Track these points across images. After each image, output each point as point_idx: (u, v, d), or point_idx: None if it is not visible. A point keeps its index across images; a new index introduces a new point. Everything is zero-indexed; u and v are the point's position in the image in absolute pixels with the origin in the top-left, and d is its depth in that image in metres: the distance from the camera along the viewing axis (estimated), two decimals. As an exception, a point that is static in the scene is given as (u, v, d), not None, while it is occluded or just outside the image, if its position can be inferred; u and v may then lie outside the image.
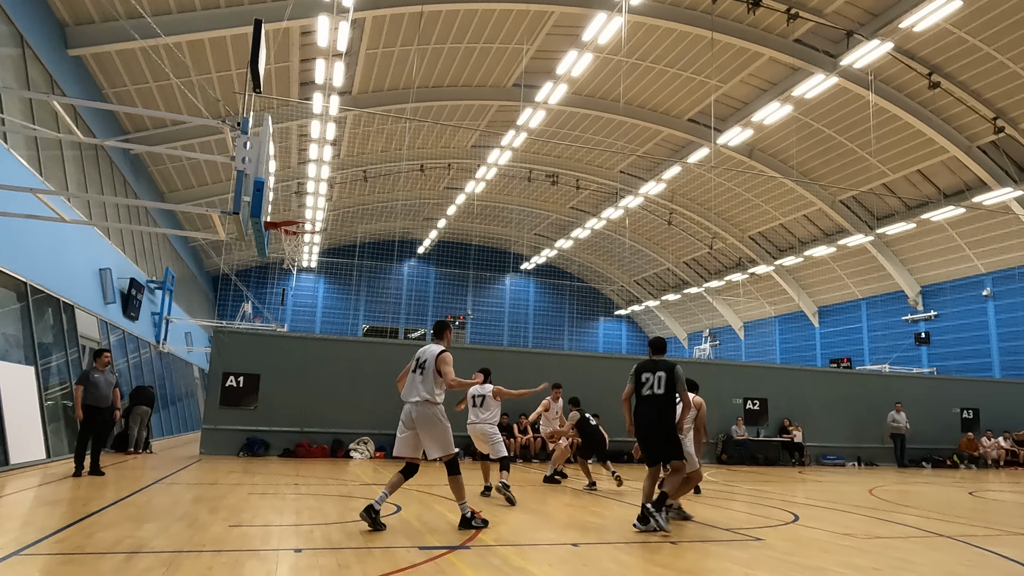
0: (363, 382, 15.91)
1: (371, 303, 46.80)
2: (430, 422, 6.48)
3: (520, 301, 50.46)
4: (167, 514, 6.72)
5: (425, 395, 6.47)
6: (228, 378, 15.10)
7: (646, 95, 28.44)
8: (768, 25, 23.01)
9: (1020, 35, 20.71)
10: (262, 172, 7.81)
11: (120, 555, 4.79)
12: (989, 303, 29.11)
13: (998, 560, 5.85)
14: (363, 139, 31.47)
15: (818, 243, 33.80)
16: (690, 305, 47.31)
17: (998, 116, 23.92)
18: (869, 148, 27.03)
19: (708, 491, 10.86)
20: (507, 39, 24.68)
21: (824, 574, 5.06)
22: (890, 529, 7.43)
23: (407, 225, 43.83)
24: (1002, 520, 8.62)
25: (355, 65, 24.50)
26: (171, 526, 6.04)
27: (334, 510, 7.42)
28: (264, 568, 4.62)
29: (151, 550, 5.00)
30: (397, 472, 6.70)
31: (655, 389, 6.90)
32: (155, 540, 5.37)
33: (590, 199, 39.27)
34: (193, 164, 26.94)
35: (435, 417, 6.50)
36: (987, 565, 5.63)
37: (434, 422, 6.49)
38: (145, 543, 5.23)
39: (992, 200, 25.18)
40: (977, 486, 13.96)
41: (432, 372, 6.51)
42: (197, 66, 20.75)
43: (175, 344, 25.05)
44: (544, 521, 7.26)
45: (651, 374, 6.98)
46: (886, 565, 5.43)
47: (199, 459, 13.60)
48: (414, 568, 4.72)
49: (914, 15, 18.51)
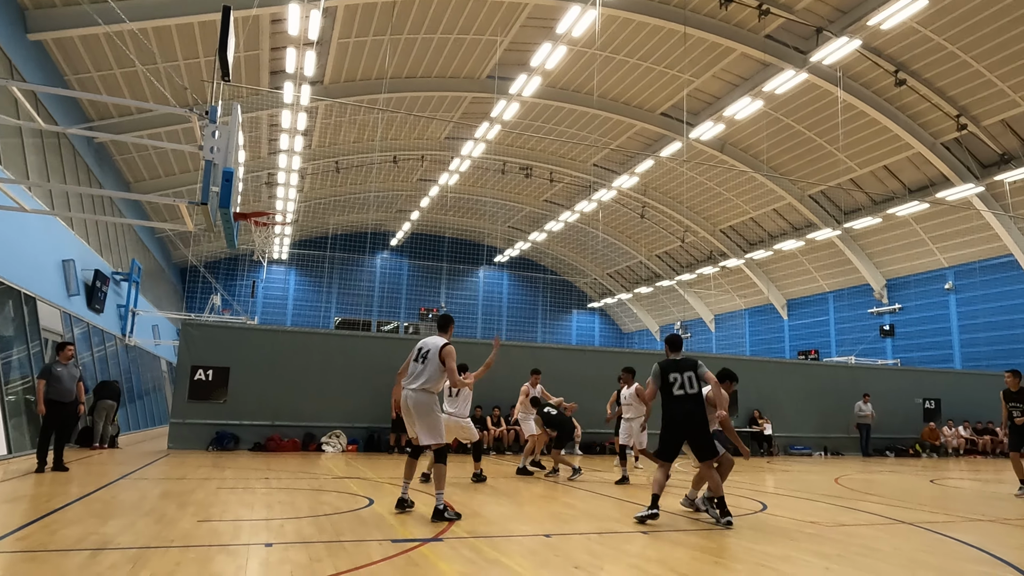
0: (335, 375, 15.79)
1: (343, 295, 46.39)
2: (424, 410, 6.72)
3: (493, 294, 50.45)
4: (133, 510, 6.60)
5: (424, 384, 6.74)
6: (197, 371, 14.87)
7: (619, 89, 28.54)
8: (740, 20, 23.23)
9: (983, 35, 21.20)
10: (231, 162, 7.69)
11: (85, 552, 4.70)
12: (951, 296, 29.88)
13: (957, 546, 6.03)
14: (335, 129, 31.11)
15: (787, 237, 34.34)
16: (662, 298, 47.75)
17: (961, 114, 24.48)
18: (837, 144, 27.49)
19: (679, 482, 11.00)
20: (481, 30, 24.55)
21: (790, 562, 5.17)
22: (854, 517, 7.61)
23: (380, 217, 43.49)
24: (961, 507, 8.88)
25: (327, 54, 24.17)
26: (137, 522, 5.93)
27: (306, 504, 7.36)
28: (234, 563, 4.57)
29: (117, 546, 4.91)
30: (408, 458, 7.08)
31: (687, 389, 6.95)
32: (121, 536, 5.28)
33: (564, 192, 39.35)
34: (160, 153, 26.37)
35: (429, 405, 6.74)
36: (946, 551, 5.80)
37: (427, 410, 6.73)
38: (111, 539, 5.14)
39: (954, 196, 25.79)
40: (938, 474, 14.35)
41: (435, 363, 6.76)
42: (163, 53, 20.29)
43: (142, 337, 24.56)
44: (517, 513, 7.29)
45: (679, 374, 7.00)
46: (850, 552, 5.57)
47: (167, 454, 13.39)
48: (387, 561, 4.71)
49: (881, 13, 18.81)
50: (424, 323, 47.36)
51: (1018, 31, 20.57)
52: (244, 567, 4.48)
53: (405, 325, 47.38)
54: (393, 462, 13.04)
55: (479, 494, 8.57)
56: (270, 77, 24.21)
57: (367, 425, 15.84)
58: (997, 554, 5.67)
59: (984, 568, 5.15)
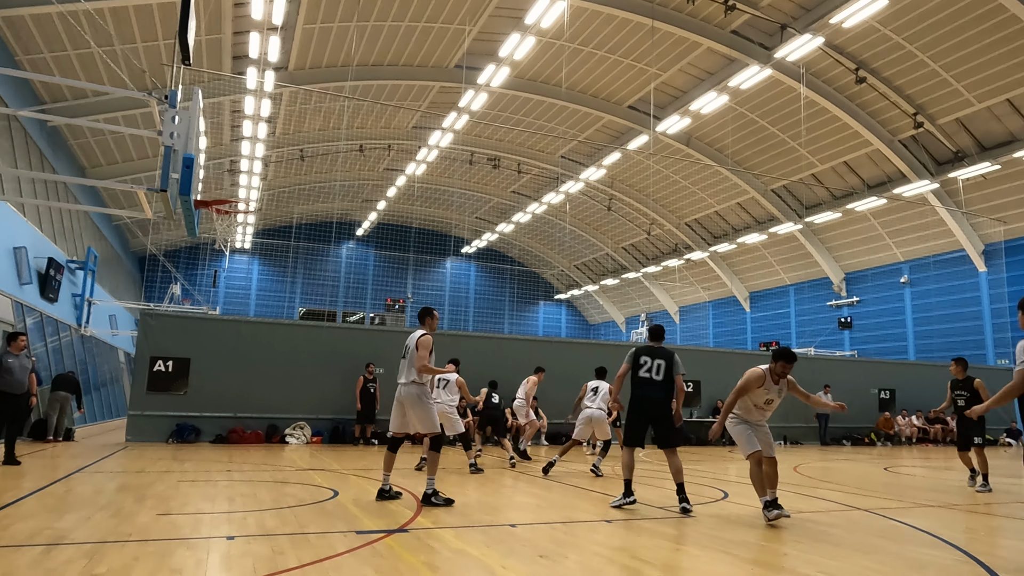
0: (300, 366, 15.60)
1: (308, 286, 45.80)
2: (415, 401, 6.94)
3: (461, 285, 50.35)
4: (89, 504, 6.44)
5: (411, 377, 6.95)
6: (156, 362, 14.54)
7: (587, 81, 28.62)
8: (706, 15, 23.46)
9: (939, 35, 21.78)
10: (192, 148, 7.51)
11: (38, 547, 4.58)
12: (906, 290, 30.77)
13: (909, 531, 6.24)
14: (300, 117, 30.60)
15: (750, 230, 34.93)
16: (628, 290, 48.22)
17: (918, 112, 25.15)
18: (799, 139, 28.02)
19: (643, 471, 11.15)
20: (449, 19, 24.36)
21: (749, 548, 5.29)
22: (812, 504, 7.81)
23: (346, 206, 42.98)
24: (913, 494, 9.19)
25: (291, 40, 23.73)
26: (94, 516, 5.79)
27: (269, 496, 7.27)
28: (194, 557, 4.50)
29: (72, 541, 4.79)
30: (386, 451, 7.21)
31: (654, 374, 7.14)
32: (76, 531, 5.15)
33: (531, 183, 39.38)
34: (117, 138, 25.63)
35: (419, 397, 6.95)
36: (898, 535, 5.99)
37: (418, 401, 6.95)
38: (65, 534, 5.01)
39: (911, 192, 26.53)
40: (892, 462, 14.81)
41: (415, 355, 6.95)
42: (121, 35, 19.69)
43: (98, 327, 23.92)
44: (483, 503, 7.31)
45: (650, 358, 7.20)
46: (807, 538, 5.72)
47: (125, 446, 13.08)
48: (351, 552, 4.68)
49: (844, 11, 19.21)
50: (390, 314, 47.08)
51: (973, 32, 21.18)
52: (205, 561, 4.41)
53: (371, 316, 47.02)
54: (358, 453, 12.96)
55: (444, 484, 8.56)
56: (233, 62, 23.69)
57: (332, 416, 15.70)
58: (945, 537, 5.89)
59: (932, 551, 5.34)
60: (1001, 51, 21.39)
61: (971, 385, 10.00)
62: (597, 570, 4.46)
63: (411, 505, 6.84)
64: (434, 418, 7.02)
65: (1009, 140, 24.32)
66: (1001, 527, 6.91)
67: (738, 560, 4.88)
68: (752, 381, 6.46)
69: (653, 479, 10.12)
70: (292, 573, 4.14)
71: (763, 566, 4.72)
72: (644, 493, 8.33)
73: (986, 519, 7.26)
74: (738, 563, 4.79)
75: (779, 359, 6.47)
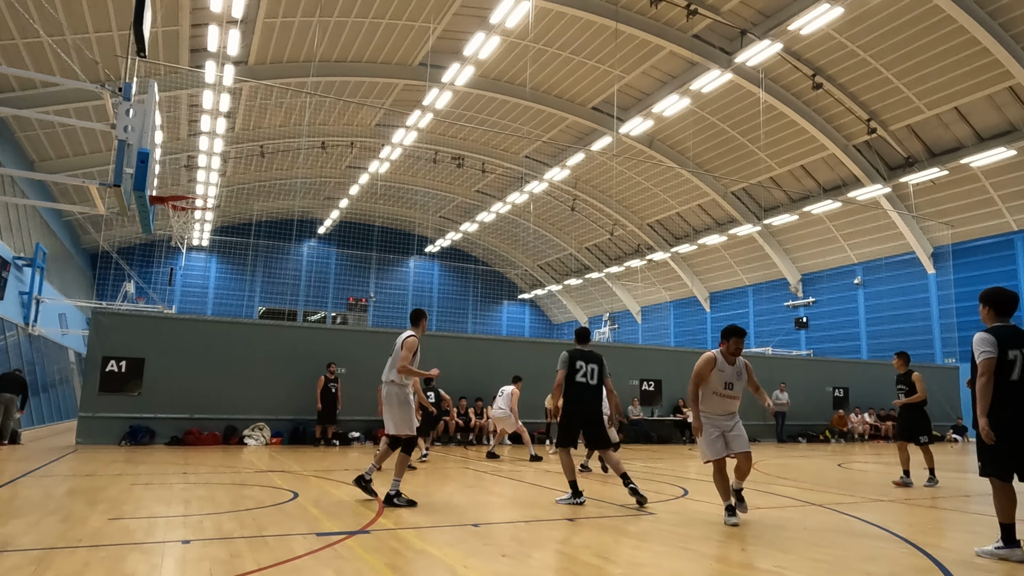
0: (259, 366, 15.32)
1: (268, 284, 45.01)
2: (391, 401, 7.01)
3: (424, 284, 50.08)
4: (37, 508, 6.23)
5: (391, 376, 7.02)
6: (109, 362, 14.12)
7: (552, 81, 28.75)
8: (669, 19, 23.77)
9: (892, 44, 22.47)
10: (147, 142, 7.31)
11: (-19, 555, 4.40)
12: (859, 291, 31.66)
13: (860, 524, 6.42)
14: (260, 112, 30.05)
15: (711, 232, 35.52)
16: (591, 290, 48.58)
17: (871, 118, 25.90)
18: (759, 143, 28.60)
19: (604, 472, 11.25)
20: (413, 16, 24.20)
21: (709, 544, 5.38)
22: (769, 500, 7.98)
23: (307, 204, 42.37)
24: (865, 489, 9.46)
25: (251, 34, 23.29)
26: (42, 521, 5.60)
27: (226, 498, 7.13)
28: (148, 562, 4.38)
29: (18, 548, 4.62)
30: (385, 446, 7.20)
31: (589, 379, 7.33)
32: (23, 537, 4.97)
33: (495, 183, 39.38)
34: (68, 131, 24.82)
35: (397, 398, 6.99)
36: (850, 529, 6.16)
37: (394, 402, 6.99)
38: (11, 540, 4.83)
39: (864, 196, 27.31)
40: (845, 458, 15.23)
41: (398, 355, 6.99)
42: (72, 24, 19.07)
43: (47, 326, 23.12)
44: (445, 503, 7.29)
45: (584, 363, 7.36)
46: (764, 533, 5.84)
47: (75, 449, 12.68)
48: (312, 555, 4.62)
49: (801, 18, 19.69)
50: (353, 313, 46.55)
51: (923, 42, 21.91)
52: (159, 566, 4.30)
53: (333, 315, 46.45)
54: (319, 455, 12.79)
55: (407, 485, 8.51)
56: (191, 55, 23.15)
57: (292, 417, 15.46)
58: (893, 530, 6.09)
59: (881, 543, 5.51)
60: (949, 60, 22.17)
61: (909, 378, 10.06)
62: (560, 568, 4.49)
63: (373, 506, 6.78)
64: (409, 420, 7.00)
65: (957, 147, 25.21)
66: (947, 520, 7.17)
67: (698, 556, 4.96)
68: (704, 366, 6.26)
69: (612, 476, 10.22)
70: (250, 576, 4.07)
71: (722, 562, 4.81)
72: (606, 491, 8.41)
73: (933, 512, 7.52)
74: (698, 559, 4.87)
75: (731, 336, 6.29)
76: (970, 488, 9.60)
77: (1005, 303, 5.16)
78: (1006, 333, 4.99)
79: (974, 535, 5.95)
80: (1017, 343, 4.92)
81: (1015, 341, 4.94)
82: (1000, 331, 5.02)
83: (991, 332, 5.01)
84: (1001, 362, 4.89)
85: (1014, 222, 25.70)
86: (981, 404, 4.88)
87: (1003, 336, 4.96)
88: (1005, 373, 4.88)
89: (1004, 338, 4.95)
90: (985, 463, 5.00)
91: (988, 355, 4.89)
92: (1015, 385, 4.86)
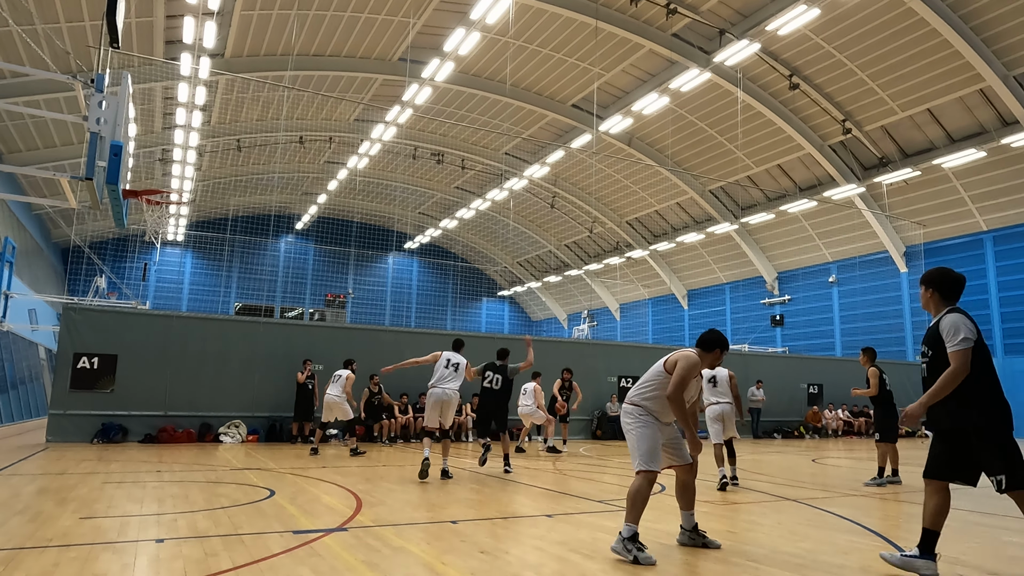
0: (235, 363, 15.16)
1: (244, 280, 44.47)
2: (453, 405, 9.50)
3: (403, 280, 49.85)
4: (5, 508, 6.10)
5: (456, 387, 9.51)
6: (80, 359, 13.87)
7: (532, 78, 28.74)
8: (649, 18, 23.88)
9: (867, 45, 22.80)
10: (120, 135, 7.18)
11: (-54, 555, 4.30)
12: (834, 289, 32.13)
13: (833, 519, 6.53)
14: (236, 106, 29.66)
15: (689, 230, 35.80)
16: (570, 287, 48.72)
17: (846, 118, 26.26)
18: (736, 142, 28.86)
19: (583, 465, 11.31)
20: (393, 11, 24.04)
21: (685, 539, 5.42)
22: (744, 495, 8.08)
23: (285, 199, 41.93)
24: (838, 484, 9.61)
25: (228, 26, 22.96)
26: (9, 521, 5.49)
27: (201, 497, 7.04)
28: (120, 561, 4.32)
29: (-15, 548, 4.52)
30: (431, 443, 9.15)
31: (494, 385, 10.13)
32: (-10, 537, 4.86)
33: (475, 179, 39.31)
34: (38, 122, 24.29)
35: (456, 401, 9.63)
36: (823, 523, 6.26)
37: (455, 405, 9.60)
38: (-22, 541, 4.73)
39: (839, 195, 27.71)
40: (819, 454, 15.46)
41: (463, 373, 9.64)
42: (43, 14, 18.66)
43: (16, 322, 22.60)
44: (423, 500, 7.27)
45: (493, 373, 10.16)
46: (738, 528, 5.92)
47: (45, 447, 12.45)
48: (288, 553, 4.58)
49: (779, 19, 19.91)
50: (331, 309, 46.19)
51: (897, 44, 22.26)
52: (131, 565, 4.24)
53: (311, 311, 46.06)
54: (296, 452, 12.69)
55: (384, 482, 8.48)
56: (165, 47, 22.77)
57: (268, 414, 15.32)
58: (866, 524, 6.20)
59: (854, 537, 5.61)
60: (922, 63, 22.55)
61: (867, 374, 9.85)
62: (537, 564, 4.50)
63: (351, 504, 6.74)
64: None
65: (929, 148, 25.67)
66: (916, 514, 7.30)
67: (673, 550, 5.00)
68: (693, 370, 5.01)
69: (590, 472, 10.28)
70: (225, 575, 4.02)
71: (698, 555, 4.86)
72: (584, 487, 8.45)
73: (904, 507, 7.67)
74: (673, 552, 4.91)
75: (723, 348, 5.24)
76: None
77: (955, 286, 4.51)
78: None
79: (945, 528, 6.06)
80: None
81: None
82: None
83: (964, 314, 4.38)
84: (980, 348, 4.26)
85: (984, 222, 26.24)
86: (939, 395, 4.24)
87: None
88: (986, 359, 4.28)
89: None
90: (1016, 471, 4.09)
91: (968, 344, 4.21)
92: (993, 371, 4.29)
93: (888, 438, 9.80)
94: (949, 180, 25.99)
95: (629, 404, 5.15)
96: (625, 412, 5.15)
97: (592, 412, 19.14)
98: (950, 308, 4.47)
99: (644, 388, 5.13)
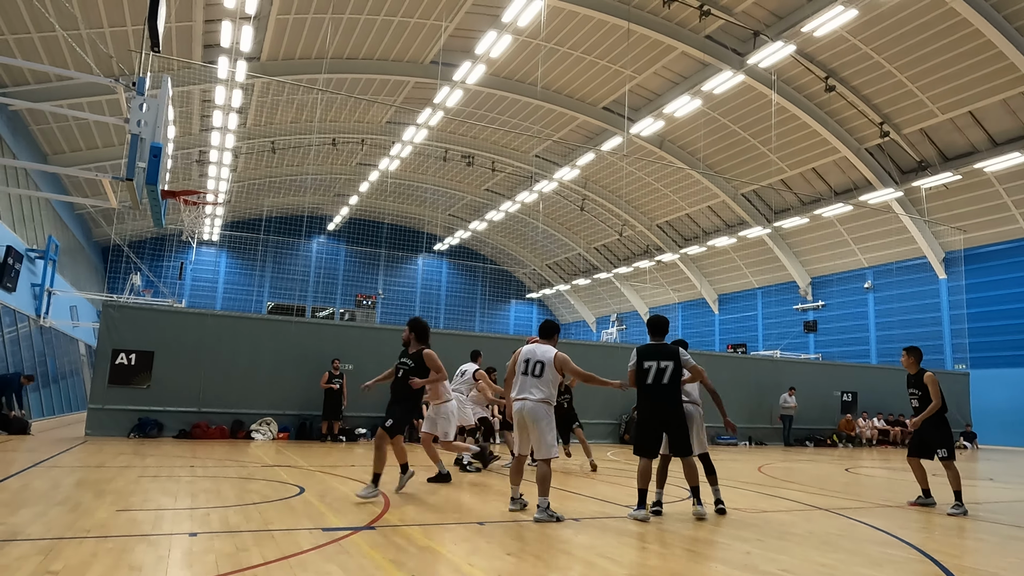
0: (267, 361, 15.39)
1: (277, 280, 45.19)
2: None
3: (432, 282, 50.14)
4: (45, 499, 6.28)
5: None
6: (119, 355, 14.21)
7: (563, 81, 28.71)
8: (681, 20, 23.69)
9: (906, 47, 22.31)
10: (159, 137, 7.36)
11: (-9, 543, 4.45)
12: (870, 295, 31.46)
13: (866, 529, 6.38)
14: (271, 108, 30.17)
15: (720, 234, 35.38)
16: (599, 290, 48.50)
17: (884, 121, 25.72)
18: (770, 145, 28.45)
19: (610, 470, 11.24)
20: (425, 14, 24.23)
21: (713, 546, 5.37)
22: (774, 503, 7.95)
23: (317, 200, 42.51)
24: (871, 494, 9.40)
25: (264, 30, 23.38)
26: (49, 511, 5.65)
27: (232, 492, 7.17)
28: (155, 553, 4.41)
29: (27, 537, 4.66)
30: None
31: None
32: (31, 527, 5.01)
33: (505, 182, 39.38)
34: (81, 124, 25.00)
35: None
36: (856, 534, 6.13)
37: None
38: (20, 530, 4.87)
39: (876, 199, 27.14)
40: (852, 463, 15.14)
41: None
42: (87, 18, 19.20)
43: (58, 318, 23.30)
44: (452, 501, 7.30)
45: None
46: (768, 536, 5.82)
47: (84, 441, 12.78)
48: (317, 550, 4.64)
49: (815, 20, 19.58)
50: (361, 310, 46.65)
51: (938, 45, 21.74)
52: (166, 557, 4.33)
53: (341, 312, 46.58)
54: (325, 450, 12.84)
55: (412, 482, 8.53)
56: (203, 51, 23.26)
57: (299, 412, 15.52)
58: (901, 536, 6.05)
59: (888, 549, 5.48)
60: (964, 64, 21.99)
61: (921, 380, 8.13)
62: (563, 568, 4.49)
63: (379, 503, 6.80)
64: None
65: (970, 151, 25.01)
66: (955, 527, 7.11)
67: (702, 558, 4.95)
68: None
69: (618, 477, 10.21)
70: (256, 570, 4.09)
71: (727, 564, 4.79)
72: (610, 492, 8.40)
73: (941, 519, 7.46)
74: (702, 561, 4.86)
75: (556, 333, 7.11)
76: (978, 496, 9.53)
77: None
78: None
79: (979, 542, 5.91)
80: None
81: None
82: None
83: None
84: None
85: (1027, 228, 25.48)
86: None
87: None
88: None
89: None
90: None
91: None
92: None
93: (953, 455, 8.19)
94: (991, 184, 25.29)
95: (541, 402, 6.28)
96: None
97: (620, 416, 19.03)
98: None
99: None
